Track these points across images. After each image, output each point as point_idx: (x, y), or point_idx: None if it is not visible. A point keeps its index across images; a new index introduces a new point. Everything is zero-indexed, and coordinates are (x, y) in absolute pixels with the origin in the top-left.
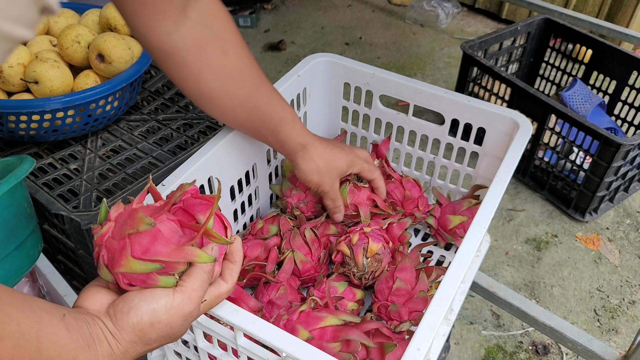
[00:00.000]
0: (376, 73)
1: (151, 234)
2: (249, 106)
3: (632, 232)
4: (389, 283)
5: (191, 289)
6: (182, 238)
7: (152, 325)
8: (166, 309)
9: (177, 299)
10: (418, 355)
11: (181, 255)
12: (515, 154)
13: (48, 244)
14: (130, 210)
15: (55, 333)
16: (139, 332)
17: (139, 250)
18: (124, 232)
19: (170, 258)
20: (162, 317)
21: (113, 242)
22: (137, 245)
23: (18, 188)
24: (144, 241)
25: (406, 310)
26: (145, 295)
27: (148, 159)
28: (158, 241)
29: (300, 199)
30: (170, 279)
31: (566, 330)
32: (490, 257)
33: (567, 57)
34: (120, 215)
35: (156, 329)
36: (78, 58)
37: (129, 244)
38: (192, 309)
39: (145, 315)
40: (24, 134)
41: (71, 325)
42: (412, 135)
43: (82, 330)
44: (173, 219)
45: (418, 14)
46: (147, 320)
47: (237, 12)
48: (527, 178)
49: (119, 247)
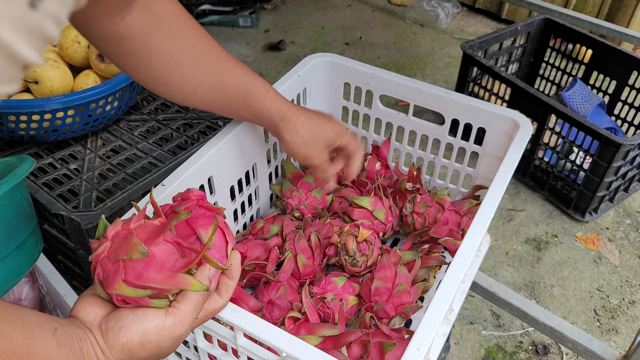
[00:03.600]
0: (376, 73)
1: (144, 260)
2: (211, 83)
3: (632, 232)
4: (369, 284)
5: (184, 312)
6: (177, 261)
7: (141, 345)
8: (157, 330)
9: (169, 322)
10: (418, 355)
11: (173, 284)
12: (515, 154)
13: (48, 244)
14: (127, 231)
15: (46, 348)
16: (128, 352)
17: (132, 275)
18: (118, 256)
19: (163, 285)
20: (153, 339)
21: (108, 263)
22: (130, 270)
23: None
24: (137, 267)
25: (391, 306)
26: (138, 315)
27: (148, 159)
28: (151, 267)
29: (300, 201)
30: (163, 301)
31: (566, 330)
32: (490, 257)
33: (567, 57)
34: (117, 235)
35: (145, 349)
36: (78, 58)
37: (122, 268)
38: (183, 331)
39: (136, 336)
40: (24, 134)
41: (62, 340)
42: (412, 135)
43: (73, 346)
44: (171, 239)
45: (418, 14)
46: (137, 340)
47: (237, 12)
48: (527, 178)
49: (112, 269)
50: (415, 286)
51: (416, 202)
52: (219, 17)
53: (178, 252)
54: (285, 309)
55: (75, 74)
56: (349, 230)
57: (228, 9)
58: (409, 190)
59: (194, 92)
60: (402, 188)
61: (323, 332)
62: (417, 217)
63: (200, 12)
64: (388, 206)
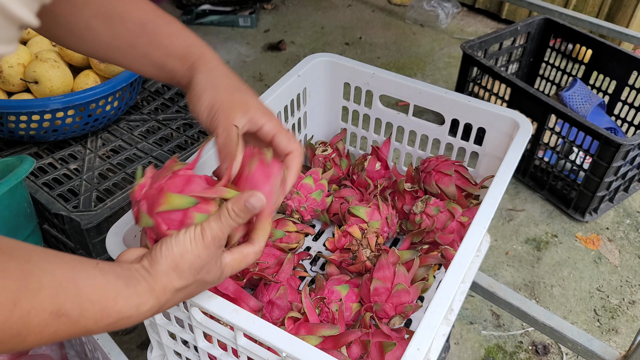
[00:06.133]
0: (376, 73)
1: (185, 177)
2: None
3: (632, 232)
4: (368, 284)
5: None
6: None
7: (182, 255)
8: (190, 239)
9: (197, 230)
10: (418, 355)
11: (212, 192)
12: (515, 154)
13: (48, 244)
14: (165, 165)
15: (90, 277)
16: (171, 263)
17: (175, 189)
18: (161, 175)
19: (203, 193)
20: (188, 248)
21: (151, 190)
22: (172, 187)
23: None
24: (179, 182)
25: (390, 306)
26: (172, 235)
27: (148, 159)
28: (191, 182)
29: (300, 203)
30: (205, 215)
31: (566, 330)
32: (490, 257)
33: (567, 57)
34: (155, 174)
35: (185, 259)
36: (78, 58)
37: (165, 186)
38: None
39: (175, 246)
40: (24, 134)
41: (105, 270)
42: (412, 135)
43: (118, 273)
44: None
45: (418, 14)
46: (177, 251)
47: (237, 12)
48: (527, 178)
49: (156, 191)
50: (415, 285)
51: (429, 203)
52: (219, 17)
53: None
54: (285, 309)
55: (75, 74)
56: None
57: (228, 9)
58: (407, 190)
59: (88, 27)
60: (400, 189)
61: (323, 332)
62: (426, 219)
63: (200, 12)
64: (385, 217)
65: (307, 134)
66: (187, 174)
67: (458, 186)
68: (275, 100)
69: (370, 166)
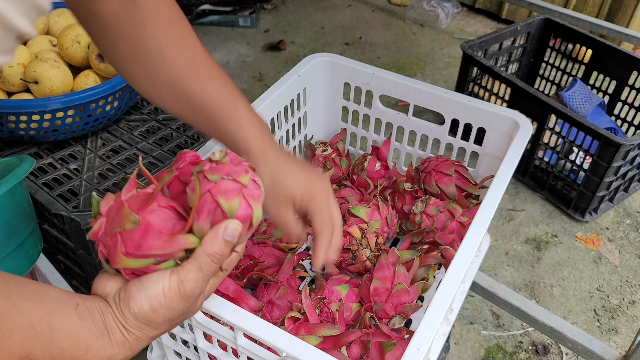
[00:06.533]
0: (376, 73)
1: (141, 228)
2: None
3: (632, 232)
4: (368, 284)
5: (187, 270)
6: (176, 224)
7: (154, 311)
8: (164, 293)
9: (173, 282)
10: (418, 355)
11: (174, 246)
12: (515, 154)
13: (48, 244)
14: (119, 203)
15: (67, 323)
16: (142, 319)
17: (132, 246)
18: (113, 230)
19: (164, 250)
20: (162, 302)
21: (106, 238)
22: (129, 242)
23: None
24: (135, 237)
25: (390, 306)
26: (143, 282)
27: (148, 159)
28: (149, 235)
29: None
30: (170, 262)
31: (566, 330)
32: (490, 257)
33: (567, 57)
34: (110, 209)
35: (159, 313)
36: (78, 58)
37: (120, 241)
38: (189, 290)
39: (145, 303)
40: (24, 134)
41: (84, 315)
42: (412, 135)
43: (95, 319)
44: (166, 204)
45: (418, 14)
46: (147, 307)
47: (237, 12)
48: (527, 178)
49: (112, 244)
50: (415, 285)
51: (429, 203)
52: (219, 17)
53: (177, 216)
54: (285, 309)
55: (75, 74)
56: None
57: (228, 9)
58: (407, 190)
59: (157, 93)
60: (400, 189)
61: (323, 332)
62: (426, 219)
63: (200, 12)
64: (385, 217)
65: (307, 134)
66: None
67: (458, 186)
68: (275, 100)
69: (370, 166)
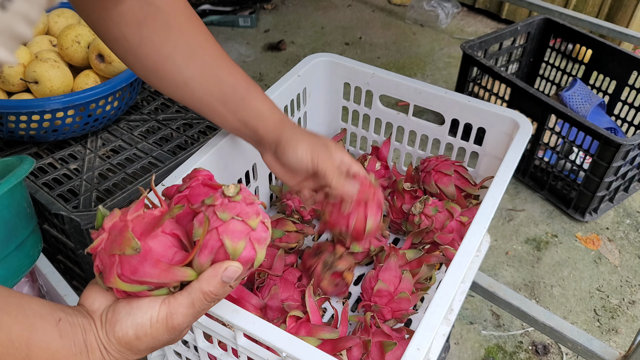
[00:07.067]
0: (376, 73)
1: (140, 254)
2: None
3: (632, 232)
4: (372, 284)
5: (178, 304)
6: (177, 254)
7: (137, 338)
8: (150, 322)
9: (162, 313)
10: (418, 355)
11: (170, 277)
12: (515, 154)
13: (48, 244)
14: (124, 223)
15: (46, 341)
16: (125, 345)
17: (128, 269)
18: (112, 251)
19: (160, 280)
20: (147, 331)
21: (105, 255)
22: (126, 265)
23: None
24: (133, 262)
25: (389, 310)
26: (132, 307)
27: (148, 159)
28: (147, 262)
29: (300, 203)
30: (163, 290)
31: (566, 330)
32: (490, 257)
33: (567, 57)
34: (114, 227)
35: (142, 341)
36: (78, 58)
37: (118, 263)
38: (177, 324)
39: (130, 329)
40: (24, 134)
41: (65, 332)
42: (412, 135)
43: (77, 337)
44: (170, 231)
45: (418, 14)
46: (132, 334)
47: (237, 12)
48: (527, 178)
49: (109, 263)
50: (416, 294)
51: (427, 204)
52: (219, 17)
53: (179, 244)
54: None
55: (75, 74)
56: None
57: (228, 9)
58: (406, 190)
59: (186, 84)
60: (399, 188)
61: (322, 334)
62: (425, 219)
63: (200, 12)
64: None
65: None
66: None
67: (457, 186)
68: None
69: (370, 166)
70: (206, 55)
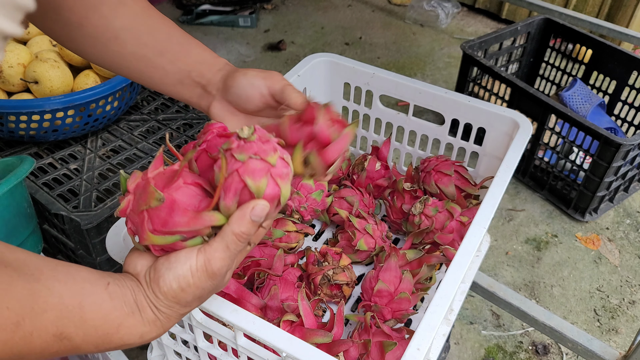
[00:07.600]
0: (376, 73)
1: (167, 205)
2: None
3: (632, 232)
4: (372, 284)
5: (214, 249)
6: (202, 201)
7: (182, 290)
8: (191, 272)
9: (200, 261)
10: (418, 355)
11: (200, 223)
12: (515, 154)
13: (48, 244)
14: (145, 181)
15: (98, 303)
16: (172, 298)
17: (158, 223)
18: (140, 207)
19: (190, 227)
20: (190, 281)
21: (134, 215)
22: (155, 219)
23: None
24: (162, 214)
25: (389, 310)
26: (171, 262)
27: (148, 159)
28: (175, 212)
29: (300, 203)
30: (197, 239)
31: (566, 330)
32: (490, 257)
33: (567, 57)
34: (137, 187)
35: (188, 292)
36: (78, 58)
37: (147, 219)
38: (217, 268)
39: (174, 282)
40: (24, 134)
41: (115, 294)
42: (412, 135)
43: (126, 298)
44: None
45: (418, 14)
46: (176, 287)
47: (237, 12)
48: (527, 178)
49: (139, 221)
50: (416, 294)
51: (427, 204)
52: (219, 17)
53: (203, 193)
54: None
55: (75, 74)
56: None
57: (228, 9)
58: (406, 190)
59: (116, 37)
60: (399, 188)
61: (316, 339)
62: (425, 219)
63: (200, 12)
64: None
65: None
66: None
67: (457, 186)
68: None
69: (370, 166)
70: (136, 5)
